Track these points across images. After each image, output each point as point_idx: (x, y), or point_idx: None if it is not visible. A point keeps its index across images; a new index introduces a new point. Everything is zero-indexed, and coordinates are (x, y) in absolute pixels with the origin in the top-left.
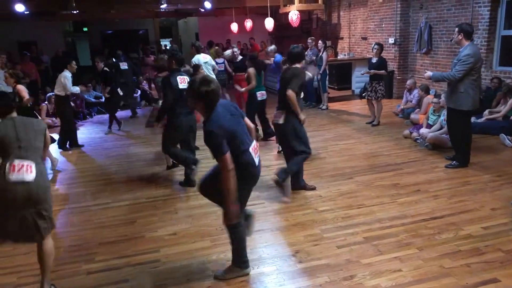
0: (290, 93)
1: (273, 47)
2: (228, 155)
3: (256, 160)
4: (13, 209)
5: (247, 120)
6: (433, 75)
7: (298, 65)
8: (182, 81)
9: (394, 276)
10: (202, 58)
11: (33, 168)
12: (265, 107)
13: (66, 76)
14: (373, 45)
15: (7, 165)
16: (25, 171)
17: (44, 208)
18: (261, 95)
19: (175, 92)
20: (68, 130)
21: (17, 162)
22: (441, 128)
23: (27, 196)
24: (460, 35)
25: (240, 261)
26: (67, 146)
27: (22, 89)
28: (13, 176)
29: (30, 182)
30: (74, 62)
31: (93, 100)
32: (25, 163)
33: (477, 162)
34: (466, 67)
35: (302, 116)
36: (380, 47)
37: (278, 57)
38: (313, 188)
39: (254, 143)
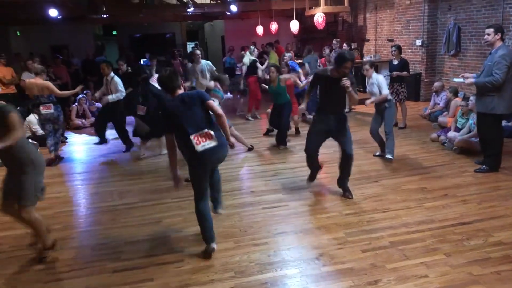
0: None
1: (288, 54)
2: (168, 136)
3: (199, 148)
4: None
5: (211, 104)
6: (476, 81)
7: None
8: None
9: (420, 282)
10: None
11: None
12: None
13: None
14: (391, 48)
15: None
16: None
17: None
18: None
19: None
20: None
21: None
22: (470, 131)
23: None
24: (497, 35)
25: (203, 237)
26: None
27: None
28: None
29: None
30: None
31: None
32: None
33: (508, 167)
34: (505, 67)
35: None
36: (398, 48)
37: (292, 63)
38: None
39: (204, 131)
